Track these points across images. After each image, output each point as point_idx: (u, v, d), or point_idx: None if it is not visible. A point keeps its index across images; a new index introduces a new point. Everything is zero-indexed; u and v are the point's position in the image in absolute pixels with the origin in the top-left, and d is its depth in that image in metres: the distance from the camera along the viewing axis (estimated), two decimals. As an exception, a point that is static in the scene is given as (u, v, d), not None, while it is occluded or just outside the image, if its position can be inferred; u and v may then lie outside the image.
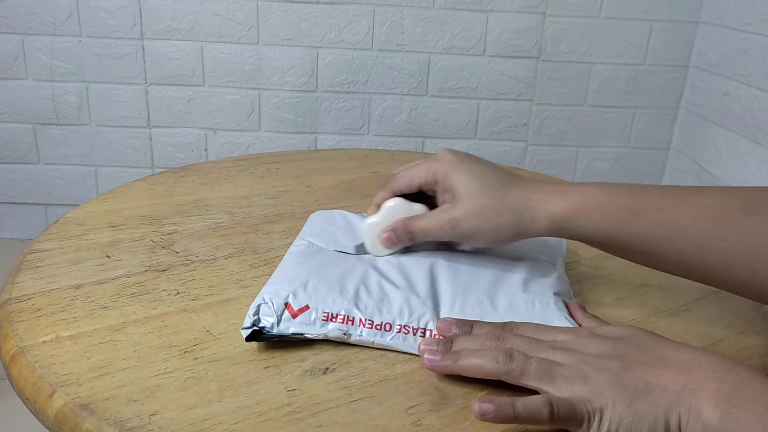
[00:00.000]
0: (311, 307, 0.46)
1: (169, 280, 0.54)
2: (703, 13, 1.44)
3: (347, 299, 0.47)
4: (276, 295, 0.47)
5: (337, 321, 0.46)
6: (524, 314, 0.47)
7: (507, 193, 0.49)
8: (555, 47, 1.48)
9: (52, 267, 0.55)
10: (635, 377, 0.38)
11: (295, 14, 1.41)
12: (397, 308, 0.47)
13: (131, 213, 0.67)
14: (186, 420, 0.38)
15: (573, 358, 0.40)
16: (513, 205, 0.48)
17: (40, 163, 1.49)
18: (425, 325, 0.46)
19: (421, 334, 0.46)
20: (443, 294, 0.49)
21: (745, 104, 1.23)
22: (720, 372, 0.36)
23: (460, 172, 0.50)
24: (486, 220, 0.48)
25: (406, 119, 1.51)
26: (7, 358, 0.45)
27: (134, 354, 0.44)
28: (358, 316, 0.46)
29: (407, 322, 0.46)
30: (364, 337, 0.45)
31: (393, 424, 0.39)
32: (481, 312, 0.48)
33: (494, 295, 0.49)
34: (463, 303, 0.48)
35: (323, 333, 0.45)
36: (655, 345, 0.40)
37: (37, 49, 1.41)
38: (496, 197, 0.49)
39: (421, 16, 1.44)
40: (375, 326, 0.46)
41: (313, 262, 0.52)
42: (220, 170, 0.82)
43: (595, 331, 0.43)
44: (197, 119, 1.49)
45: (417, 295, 0.48)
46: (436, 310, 0.47)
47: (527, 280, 0.51)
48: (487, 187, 0.49)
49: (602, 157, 1.58)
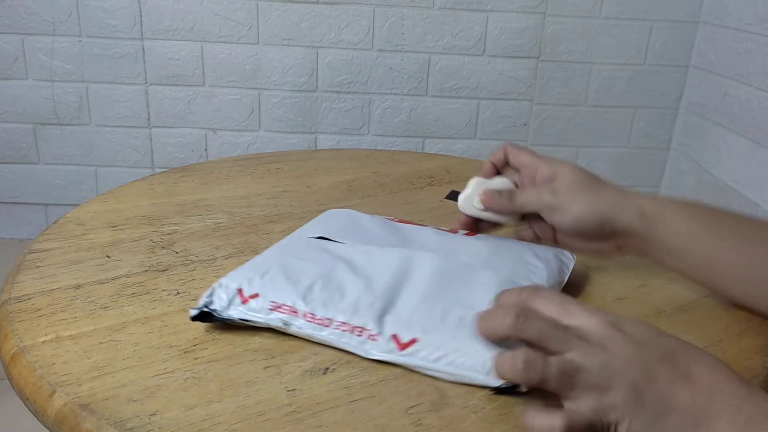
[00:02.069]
0: (261, 295, 0.47)
1: (169, 280, 0.54)
2: (703, 13, 1.44)
3: (297, 291, 0.48)
4: (233, 281, 0.48)
5: (281, 311, 0.46)
6: (471, 331, 0.45)
7: (601, 186, 0.54)
8: (555, 47, 1.48)
9: (52, 267, 0.55)
10: (657, 395, 0.37)
11: (295, 14, 1.41)
12: (344, 305, 0.47)
13: (131, 213, 0.67)
14: (186, 420, 0.38)
15: (596, 360, 0.38)
16: (605, 192, 0.53)
17: (40, 163, 1.49)
18: (364, 325, 0.45)
19: (358, 333, 0.45)
20: (400, 298, 0.48)
21: (745, 104, 1.23)
22: (738, 398, 0.36)
23: (563, 168, 0.55)
24: (577, 198, 0.53)
25: (406, 119, 1.51)
26: (7, 358, 0.45)
27: (134, 354, 0.44)
28: (302, 308, 0.46)
29: (348, 320, 0.46)
30: (304, 329, 0.46)
31: (393, 424, 0.39)
32: (425, 322, 0.46)
33: (452, 307, 0.47)
34: (413, 310, 0.47)
35: (266, 321, 0.46)
36: (681, 353, 0.39)
37: (37, 49, 1.41)
38: (591, 183, 0.54)
39: (421, 16, 1.44)
40: (316, 320, 0.46)
41: (288, 251, 0.53)
42: (220, 170, 0.82)
43: (621, 326, 0.40)
44: (197, 119, 1.48)
45: (372, 294, 0.48)
46: (381, 313, 0.46)
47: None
48: (584, 177, 0.54)
49: (602, 157, 1.58)
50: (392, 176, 0.83)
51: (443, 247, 0.56)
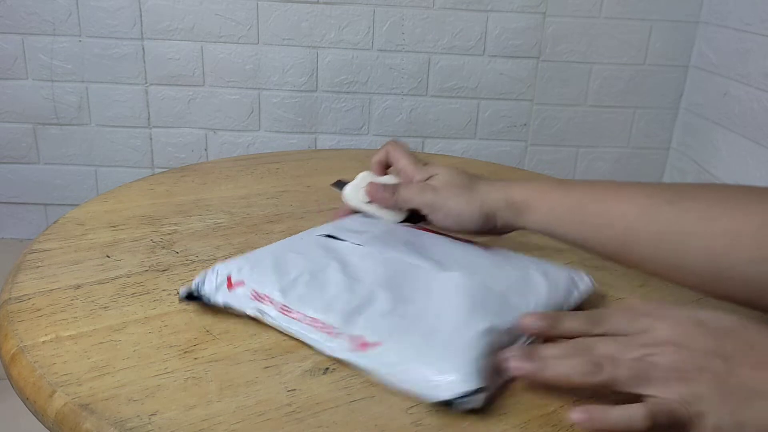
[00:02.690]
0: (245, 284, 0.48)
1: (169, 280, 0.54)
2: (703, 13, 1.44)
3: (279, 283, 0.48)
4: (226, 267, 0.50)
5: (259, 300, 0.47)
6: (436, 342, 0.44)
7: (477, 183, 0.57)
8: (555, 47, 1.48)
9: (52, 267, 0.55)
10: (741, 382, 0.36)
11: (295, 14, 1.41)
12: (319, 302, 0.47)
13: (131, 213, 0.67)
14: (186, 420, 0.38)
15: (671, 357, 0.37)
16: (478, 189, 0.56)
17: (40, 163, 1.49)
18: (332, 324, 0.45)
19: (325, 331, 0.45)
20: (379, 300, 0.47)
21: (745, 104, 1.23)
22: None
23: (441, 168, 0.59)
24: (455, 196, 0.56)
25: (406, 119, 1.51)
26: (7, 358, 0.45)
27: (134, 354, 0.44)
28: (279, 300, 0.47)
29: (317, 316, 0.45)
30: (277, 321, 0.46)
31: (393, 424, 0.39)
32: (394, 327, 0.45)
33: (426, 315, 0.46)
34: (387, 313, 0.46)
35: (243, 309, 0.48)
36: (764, 340, 0.38)
37: (37, 49, 1.41)
38: (467, 181, 0.57)
39: (421, 16, 1.44)
40: (288, 313, 0.46)
41: (290, 245, 0.55)
42: (220, 170, 0.82)
43: (696, 319, 0.40)
44: (197, 119, 1.49)
45: (351, 294, 0.47)
46: (354, 313, 0.46)
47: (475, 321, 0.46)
48: (461, 175, 0.58)
49: (602, 157, 1.58)
50: (392, 176, 0.83)
51: (449, 256, 0.54)
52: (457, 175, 0.58)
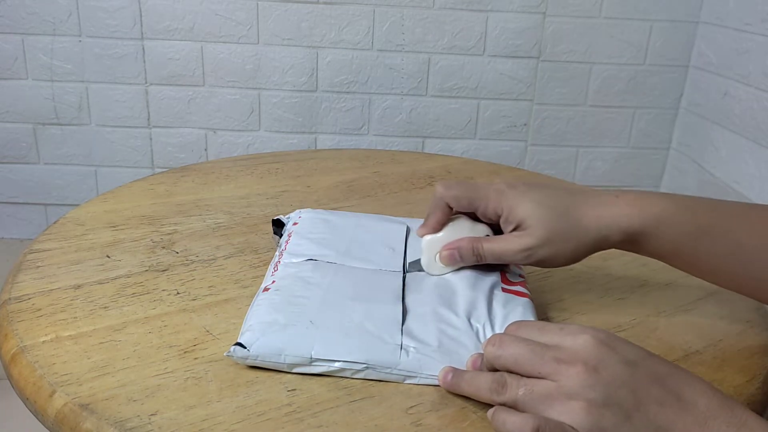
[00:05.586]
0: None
1: (169, 280, 0.54)
2: (703, 13, 1.44)
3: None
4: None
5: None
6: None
7: (577, 215, 0.49)
8: (555, 47, 1.48)
9: (52, 267, 0.55)
10: (646, 420, 0.35)
11: (295, 14, 1.41)
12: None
13: (131, 213, 0.67)
14: (186, 420, 0.38)
15: (579, 379, 0.36)
16: (586, 225, 0.49)
17: (40, 163, 1.49)
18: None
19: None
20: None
21: (745, 104, 1.23)
22: (734, 425, 0.35)
23: (525, 203, 0.50)
24: (562, 244, 0.49)
25: (406, 119, 1.51)
26: (7, 358, 0.45)
27: (134, 354, 0.44)
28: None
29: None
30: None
31: (393, 424, 0.39)
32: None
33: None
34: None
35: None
36: (670, 376, 0.37)
37: (37, 49, 1.41)
38: (568, 220, 0.49)
39: (421, 16, 1.44)
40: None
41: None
42: (220, 170, 0.82)
43: (608, 343, 0.38)
44: (197, 119, 1.49)
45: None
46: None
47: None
48: (557, 213, 0.49)
49: (602, 157, 1.58)
50: (392, 176, 0.84)
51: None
52: (552, 217, 0.49)
